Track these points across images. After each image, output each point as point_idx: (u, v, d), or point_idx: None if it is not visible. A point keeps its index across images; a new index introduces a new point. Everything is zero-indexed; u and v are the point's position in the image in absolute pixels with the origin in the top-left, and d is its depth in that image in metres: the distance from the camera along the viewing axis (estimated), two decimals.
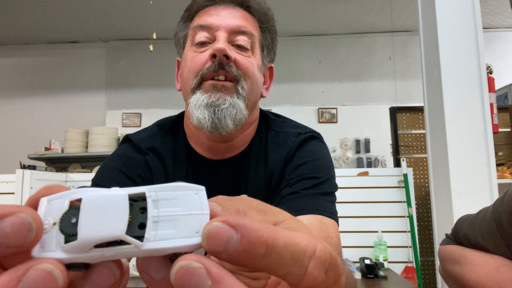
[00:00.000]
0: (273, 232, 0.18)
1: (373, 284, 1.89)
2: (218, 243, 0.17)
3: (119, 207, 0.18)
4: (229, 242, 0.17)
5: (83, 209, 0.18)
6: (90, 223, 0.17)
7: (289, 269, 0.18)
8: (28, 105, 4.83)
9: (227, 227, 0.17)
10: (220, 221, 0.18)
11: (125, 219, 0.18)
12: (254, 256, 0.17)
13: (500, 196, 0.68)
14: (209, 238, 0.17)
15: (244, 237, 0.17)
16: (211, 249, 0.17)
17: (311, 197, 0.69)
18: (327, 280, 0.19)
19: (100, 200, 0.18)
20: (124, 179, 0.73)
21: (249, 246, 0.17)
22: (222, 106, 0.68)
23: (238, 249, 0.17)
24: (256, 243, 0.17)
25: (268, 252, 0.17)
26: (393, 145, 3.04)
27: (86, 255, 0.17)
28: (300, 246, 0.18)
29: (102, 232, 0.17)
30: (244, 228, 0.17)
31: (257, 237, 0.17)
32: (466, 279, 0.70)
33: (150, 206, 0.18)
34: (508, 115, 2.81)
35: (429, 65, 1.83)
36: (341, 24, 4.55)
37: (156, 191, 0.19)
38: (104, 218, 0.17)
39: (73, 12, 4.15)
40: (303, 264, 0.18)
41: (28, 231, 0.16)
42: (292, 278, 0.18)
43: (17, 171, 2.04)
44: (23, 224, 0.16)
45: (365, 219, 2.38)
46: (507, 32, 4.74)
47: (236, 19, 0.73)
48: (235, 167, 0.78)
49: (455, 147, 1.65)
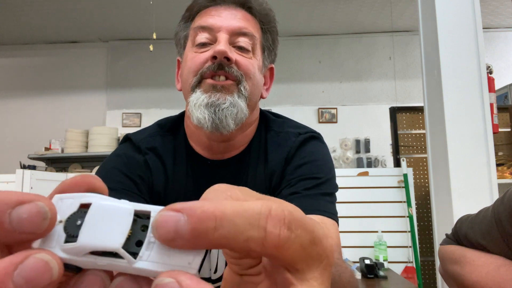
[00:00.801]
0: (220, 204, 0.18)
1: (373, 284, 1.90)
2: (168, 229, 0.17)
3: (122, 220, 0.18)
4: (177, 225, 0.17)
5: (89, 214, 0.18)
6: (92, 230, 0.18)
7: (247, 234, 0.18)
8: (28, 105, 4.83)
9: (172, 213, 0.17)
10: (166, 209, 0.18)
11: (124, 234, 0.18)
12: (206, 232, 0.17)
13: (500, 196, 0.68)
14: (158, 227, 0.17)
15: (190, 216, 0.17)
16: (163, 238, 0.17)
17: (312, 197, 0.69)
18: (296, 238, 0.18)
19: (107, 209, 0.19)
20: (123, 178, 0.73)
21: (197, 223, 0.17)
22: (223, 106, 0.68)
23: (187, 229, 0.17)
24: (203, 218, 0.17)
25: (219, 223, 0.17)
26: (393, 145, 3.04)
27: (80, 259, 0.18)
28: (254, 210, 0.18)
29: (101, 240, 0.18)
30: (189, 209, 0.17)
31: (202, 212, 0.17)
32: (466, 279, 0.70)
33: (149, 230, 0.19)
34: (508, 115, 2.81)
35: (429, 65, 1.83)
36: (341, 24, 4.55)
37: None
38: (106, 228, 0.18)
39: (73, 12, 4.15)
40: (261, 226, 0.18)
41: (43, 219, 0.17)
42: (253, 243, 0.18)
43: (17, 171, 2.05)
44: (39, 213, 0.17)
45: (365, 219, 2.38)
46: (507, 32, 4.74)
47: (237, 20, 0.73)
48: (235, 167, 0.78)
49: (455, 147, 1.65)
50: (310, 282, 0.19)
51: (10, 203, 0.17)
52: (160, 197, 0.76)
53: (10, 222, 0.16)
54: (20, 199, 0.17)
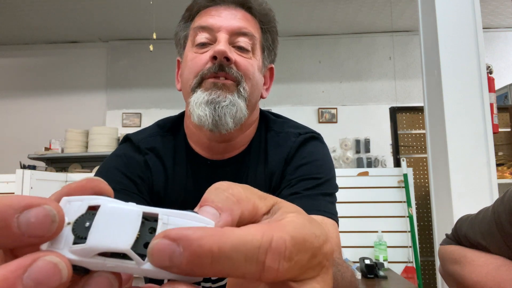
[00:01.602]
0: (218, 237, 0.17)
1: (373, 284, 1.90)
2: (163, 258, 0.17)
3: (131, 222, 0.19)
4: (172, 256, 0.17)
5: (98, 216, 0.18)
6: (101, 231, 0.18)
7: (244, 269, 0.17)
8: (28, 105, 4.83)
9: (167, 242, 0.17)
10: (161, 237, 0.17)
11: (133, 235, 0.18)
12: (202, 265, 0.17)
13: (500, 196, 0.68)
14: (153, 256, 0.17)
15: (186, 249, 0.17)
16: (158, 265, 0.17)
17: (312, 197, 0.69)
18: (295, 264, 0.18)
19: (116, 211, 0.19)
20: (123, 179, 0.73)
21: (193, 257, 0.17)
22: (223, 103, 0.68)
23: (183, 261, 0.17)
24: (199, 253, 0.17)
25: (215, 259, 0.17)
26: (393, 145, 3.04)
27: (89, 260, 0.18)
28: (253, 243, 0.17)
29: (110, 241, 0.18)
30: (186, 240, 0.17)
31: (199, 246, 0.17)
32: (466, 279, 0.70)
33: (159, 228, 0.19)
34: (508, 115, 2.81)
35: (429, 65, 1.83)
36: (341, 24, 4.55)
37: (169, 215, 0.19)
38: (115, 229, 0.18)
39: (73, 12, 4.15)
40: (259, 261, 0.17)
41: (52, 223, 0.17)
42: (250, 276, 0.18)
43: (17, 171, 2.05)
44: (48, 216, 0.17)
45: (365, 219, 2.38)
46: (507, 32, 4.74)
47: (237, 20, 0.73)
48: (234, 168, 0.78)
49: (455, 147, 1.65)
50: (312, 285, 0.19)
51: (18, 207, 0.17)
52: (160, 197, 0.76)
53: (19, 226, 0.16)
54: (28, 203, 0.17)
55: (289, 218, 0.20)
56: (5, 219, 0.16)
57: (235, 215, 0.20)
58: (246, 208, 0.21)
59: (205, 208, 0.20)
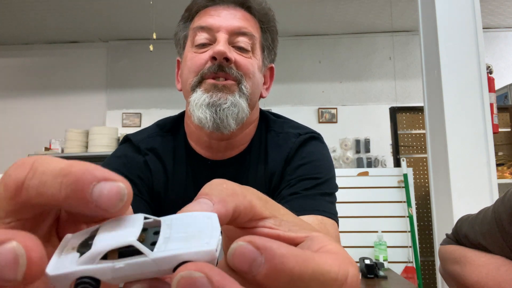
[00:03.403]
0: (301, 260, 0.17)
1: (373, 284, 1.90)
2: (243, 262, 0.17)
3: (133, 223, 0.19)
4: (253, 263, 0.17)
5: (100, 230, 0.19)
6: (105, 237, 0.18)
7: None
8: (28, 105, 4.82)
9: (251, 248, 0.17)
10: (246, 241, 0.17)
11: (137, 230, 0.18)
12: (278, 282, 0.17)
13: (501, 196, 0.68)
14: (234, 256, 0.17)
15: (268, 261, 0.17)
16: (236, 267, 0.17)
17: (311, 197, 0.69)
18: None
19: (117, 220, 0.19)
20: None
21: (273, 272, 0.17)
22: (224, 106, 0.68)
23: (261, 272, 0.17)
24: (280, 270, 0.17)
25: (294, 280, 0.17)
26: (393, 145, 3.04)
27: (96, 266, 0.17)
28: (331, 275, 0.17)
29: (115, 240, 0.18)
30: (270, 252, 0.17)
31: (281, 263, 0.17)
32: (466, 279, 0.70)
33: (163, 228, 0.19)
34: (508, 115, 2.81)
35: (429, 65, 1.83)
36: (341, 24, 4.55)
37: (172, 219, 0.20)
38: (118, 232, 0.18)
39: (73, 12, 4.15)
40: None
41: (120, 200, 0.18)
42: None
43: None
44: (119, 193, 0.18)
45: (365, 219, 2.38)
46: (507, 32, 4.74)
47: (237, 20, 0.72)
48: (235, 168, 0.78)
49: (455, 147, 1.65)
50: None
51: (98, 176, 0.17)
52: (160, 198, 0.76)
53: (92, 193, 0.17)
54: (107, 176, 0.17)
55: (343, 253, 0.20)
56: (84, 182, 0.17)
57: (229, 207, 0.20)
58: (242, 202, 0.21)
59: (200, 200, 0.21)
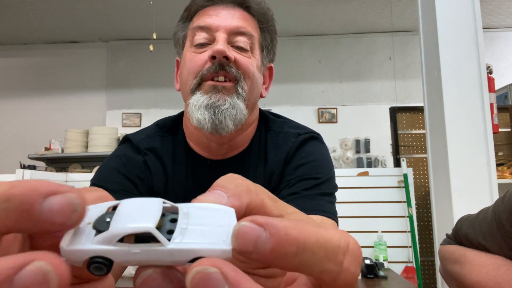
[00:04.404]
0: (304, 229, 0.17)
1: (373, 284, 1.89)
2: (248, 242, 0.17)
3: (152, 207, 0.19)
4: (258, 240, 0.17)
5: (119, 208, 0.19)
6: (123, 218, 0.18)
7: (324, 266, 0.18)
8: (28, 105, 4.83)
9: (255, 226, 0.17)
10: (248, 220, 0.17)
11: (157, 216, 0.18)
12: (286, 255, 0.17)
13: (501, 196, 0.68)
14: (238, 237, 0.17)
15: (273, 235, 0.17)
16: (241, 249, 0.17)
17: (311, 197, 0.69)
18: (358, 274, 0.19)
19: (136, 201, 0.19)
20: (123, 180, 0.73)
21: (279, 244, 0.17)
22: (222, 107, 0.68)
23: (267, 248, 0.17)
24: (286, 241, 0.17)
25: (300, 250, 0.17)
26: (393, 145, 3.04)
27: (112, 248, 0.18)
28: (333, 242, 0.18)
29: (132, 224, 0.18)
30: (273, 226, 0.17)
31: (286, 235, 0.17)
32: (466, 279, 0.70)
33: (180, 217, 0.19)
34: (508, 115, 2.81)
35: (429, 65, 1.83)
36: (341, 24, 4.55)
37: (188, 207, 0.20)
38: (137, 214, 0.18)
39: (73, 12, 4.15)
40: (338, 260, 0.18)
41: (73, 212, 0.17)
42: (328, 276, 0.18)
43: (17, 171, 2.04)
44: (70, 205, 0.17)
45: (365, 219, 2.38)
46: (507, 32, 4.74)
47: (236, 19, 0.72)
48: (234, 168, 0.78)
49: (455, 147, 1.65)
50: None
51: (44, 192, 0.17)
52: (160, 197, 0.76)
53: (41, 211, 0.16)
54: (53, 190, 0.17)
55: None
56: (29, 203, 0.16)
57: (243, 202, 0.20)
58: (254, 200, 0.21)
59: (215, 191, 0.21)
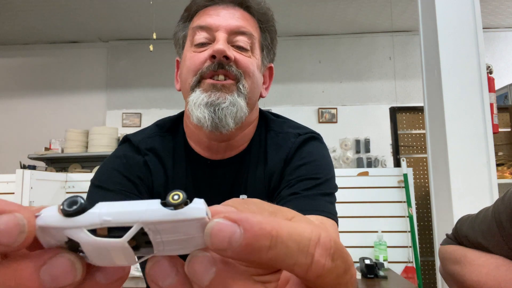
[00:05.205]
0: (276, 224, 0.18)
1: (373, 284, 1.89)
2: (222, 239, 0.17)
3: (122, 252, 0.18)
4: (232, 237, 0.17)
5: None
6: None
7: (296, 259, 0.18)
8: (28, 105, 4.82)
9: (228, 222, 0.17)
10: (221, 217, 0.18)
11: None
12: (260, 249, 0.17)
13: (501, 196, 0.68)
14: (212, 235, 0.17)
15: (247, 230, 0.17)
16: (216, 246, 0.17)
17: (311, 198, 0.69)
18: (335, 268, 0.19)
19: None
20: (123, 180, 0.73)
21: (253, 239, 0.17)
22: (222, 105, 0.68)
23: (242, 243, 0.17)
24: (260, 235, 0.17)
25: (273, 243, 0.17)
26: (393, 145, 3.04)
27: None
28: (305, 235, 0.18)
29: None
30: (247, 222, 0.17)
31: (260, 229, 0.17)
32: (466, 279, 0.70)
33: (151, 235, 0.18)
34: (508, 115, 2.81)
35: (429, 65, 1.83)
36: (341, 24, 4.55)
37: (155, 225, 0.18)
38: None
39: (73, 12, 4.15)
40: (309, 252, 0.18)
41: (20, 233, 0.16)
42: (299, 268, 0.18)
43: (17, 171, 2.04)
44: (17, 225, 0.16)
45: (365, 219, 2.38)
46: (507, 32, 4.74)
47: (236, 19, 0.72)
48: (234, 167, 0.77)
49: (455, 147, 1.65)
50: None
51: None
52: (160, 198, 0.76)
53: None
54: (0, 209, 0.16)
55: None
56: None
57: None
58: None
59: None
